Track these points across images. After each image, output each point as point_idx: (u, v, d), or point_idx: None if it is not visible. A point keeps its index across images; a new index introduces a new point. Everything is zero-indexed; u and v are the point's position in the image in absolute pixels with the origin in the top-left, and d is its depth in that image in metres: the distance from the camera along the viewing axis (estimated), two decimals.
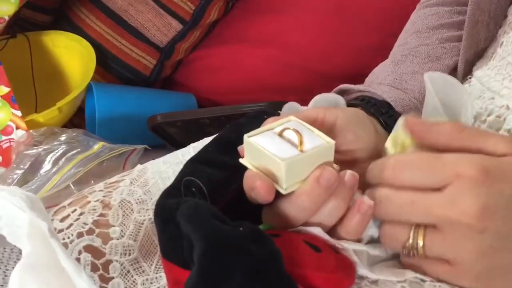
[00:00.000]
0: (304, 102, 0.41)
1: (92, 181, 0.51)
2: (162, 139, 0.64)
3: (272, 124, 0.30)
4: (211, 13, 0.72)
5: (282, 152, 0.27)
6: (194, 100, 0.71)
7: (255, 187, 0.26)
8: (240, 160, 0.29)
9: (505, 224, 0.26)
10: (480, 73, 0.43)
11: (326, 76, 0.71)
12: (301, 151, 0.27)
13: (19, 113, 0.58)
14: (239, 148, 0.30)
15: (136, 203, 0.36)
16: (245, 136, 0.28)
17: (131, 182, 0.38)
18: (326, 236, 0.27)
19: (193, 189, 0.26)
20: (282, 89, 0.72)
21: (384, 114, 0.39)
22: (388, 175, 0.28)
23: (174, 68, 0.77)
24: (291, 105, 0.39)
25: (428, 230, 0.27)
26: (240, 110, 0.56)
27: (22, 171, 0.50)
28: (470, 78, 0.44)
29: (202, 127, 0.58)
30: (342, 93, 0.44)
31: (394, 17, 0.54)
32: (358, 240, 0.29)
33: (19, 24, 0.72)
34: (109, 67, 0.71)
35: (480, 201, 0.25)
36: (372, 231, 0.29)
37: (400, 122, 0.32)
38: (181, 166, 0.31)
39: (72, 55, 0.69)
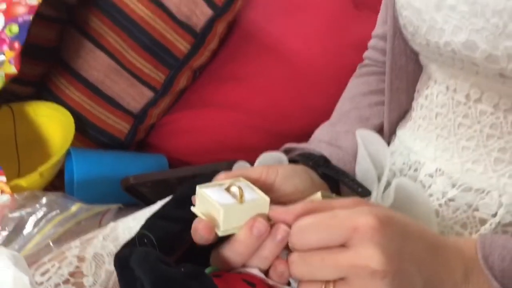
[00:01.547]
0: None
1: (70, 239, 0.56)
2: (135, 198, 0.69)
3: (224, 181, 0.36)
4: (180, 81, 0.79)
5: (223, 201, 0.33)
6: (165, 161, 0.77)
7: (198, 229, 0.33)
8: (192, 208, 0.35)
9: (404, 263, 0.30)
10: (400, 132, 0.51)
11: (286, 136, 0.78)
12: (240, 202, 0.34)
13: (4, 178, 0.63)
14: (192, 197, 0.36)
15: (108, 255, 0.42)
16: (197, 187, 0.35)
17: (104, 238, 0.44)
18: (262, 276, 0.33)
19: (145, 240, 0.32)
20: (247, 149, 0.79)
21: (321, 167, 0.46)
22: (295, 241, 0.31)
23: (147, 131, 0.83)
24: (240, 164, 0.46)
25: (337, 284, 0.30)
26: (204, 170, 0.62)
27: (7, 232, 0.55)
28: (394, 136, 0.52)
29: (171, 186, 0.64)
30: (288, 150, 0.52)
31: (341, 83, 0.62)
32: (288, 283, 0.34)
33: (4, 96, 0.78)
34: (86, 133, 0.78)
35: (379, 249, 0.29)
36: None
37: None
38: None
39: (52, 123, 0.75)
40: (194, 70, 0.81)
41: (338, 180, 0.46)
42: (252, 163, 0.48)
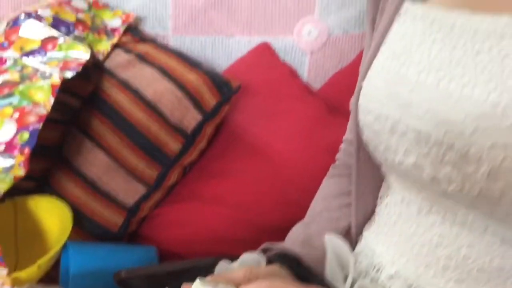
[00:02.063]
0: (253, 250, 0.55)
1: None
2: None
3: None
4: (171, 177, 0.86)
5: None
6: (154, 253, 0.82)
7: None
8: None
9: None
10: (366, 233, 0.57)
11: (268, 227, 0.85)
12: None
13: (5, 271, 0.68)
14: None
15: None
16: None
17: None
18: None
19: None
20: (233, 240, 0.85)
21: (295, 267, 0.52)
22: None
23: (139, 224, 0.89)
24: (222, 264, 0.52)
25: None
26: (190, 265, 0.68)
27: None
28: (361, 237, 0.58)
29: (161, 280, 0.69)
30: (266, 249, 0.58)
31: (317, 181, 0.69)
32: None
33: (7, 190, 0.84)
34: (82, 226, 0.83)
35: None
36: None
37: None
38: None
39: (52, 216, 0.81)
40: (184, 167, 0.88)
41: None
42: (237, 254, 0.54)
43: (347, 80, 0.94)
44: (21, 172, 0.66)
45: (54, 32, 0.87)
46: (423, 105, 0.44)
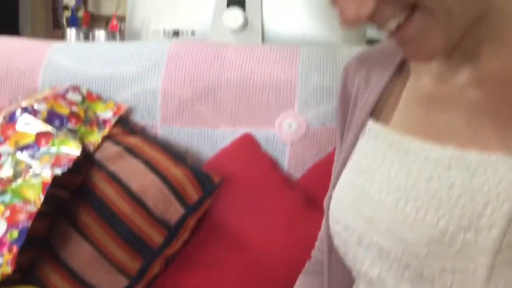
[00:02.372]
0: None
1: None
2: None
3: None
4: (153, 269, 0.89)
5: None
6: None
7: None
8: None
9: None
10: None
11: None
12: None
13: None
14: None
15: None
16: None
17: None
18: None
19: None
20: None
21: None
22: None
23: None
24: None
25: None
26: None
27: None
28: None
29: None
30: None
31: (294, 273, 0.73)
32: None
33: None
34: None
35: None
36: None
37: None
38: None
39: None
40: (167, 258, 0.92)
41: None
42: None
43: (325, 170, 1.00)
44: (8, 269, 0.69)
45: (48, 127, 0.93)
46: (384, 223, 0.49)
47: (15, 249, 0.71)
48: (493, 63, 0.49)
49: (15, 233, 0.72)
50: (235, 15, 1.39)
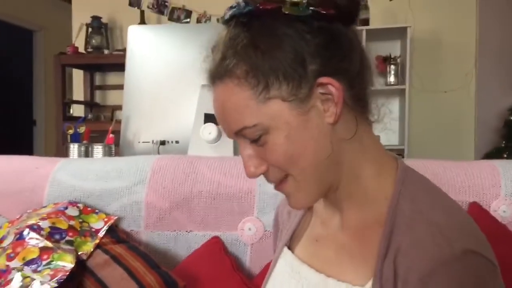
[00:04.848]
0: None
1: None
2: None
3: None
4: None
5: None
6: None
7: None
8: None
9: None
10: None
11: None
12: None
13: None
14: None
15: None
16: None
17: None
18: None
19: None
20: None
21: None
22: None
23: None
24: None
25: None
26: None
27: None
28: None
29: None
30: None
31: None
32: None
33: None
34: None
35: None
36: None
37: None
38: None
39: None
40: None
41: None
42: None
43: None
44: None
45: (49, 243, 1.16)
46: None
47: None
48: (351, 214, 0.72)
49: None
50: (210, 130, 1.65)
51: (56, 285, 1.03)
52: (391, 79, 3.47)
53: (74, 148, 1.71)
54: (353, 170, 0.68)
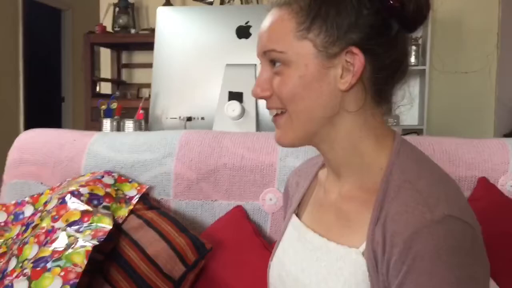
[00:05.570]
0: None
1: None
2: None
3: None
4: None
5: None
6: None
7: None
8: None
9: None
10: None
11: None
12: None
13: None
14: None
15: None
16: None
17: None
18: None
19: None
20: None
21: None
22: None
23: None
24: None
25: None
26: None
27: None
28: None
29: None
30: None
31: None
32: None
33: None
34: None
35: None
36: None
37: None
38: None
39: None
40: None
41: None
42: None
43: None
44: None
45: (89, 207, 1.29)
46: (292, 284, 0.81)
47: None
48: (350, 183, 0.79)
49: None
50: (234, 107, 1.75)
51: (97, 243, 1.16)
52: (412, 59, 3.51)
53: (107, 122, 1.83)
54: (351, 140, 0.76)
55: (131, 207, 1.38)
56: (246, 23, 1.84)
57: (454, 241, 0.62)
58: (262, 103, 1.79)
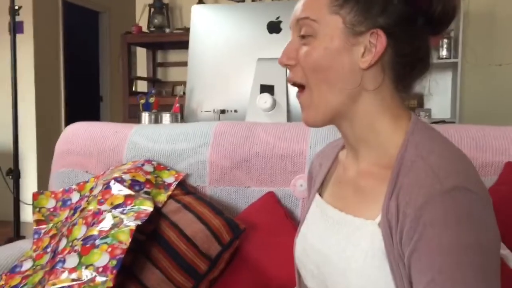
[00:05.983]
0: None
1: None
2: None
3: None
4: None
5: None
6: None
7: None
8: None
9: None
10: None
11: None
12: None
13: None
14: None
15: None
16: None
17: None
18: None
19: None
20: None
21: None
22: None
23: None
24: None
25: None
26: None
27: None
28: None
29: None
30: None
31: None
32: None
33: None
34: None
35: None
36: None
37: None
38: None
39: None
40: (210, 280, 1.33)
41: None
42: None
43: None
44: (111, 284, 1.13)
45: (132, 192, 1.39)
46: (315, 256, 0.88)
47: (114, 272, 1.15)
48: (366, 160, 0.84)
49: (114, 262, 1.16)
50: (265, 99, 1.83)
51: (140, 223, 1.25)
52: (444, 52, 3.50)
53: (145, 115, 1.94)
54: (369, 118, 0.81)
55: (170, 192, 1.47)
56: (277, 18, 1.91)
57: (462, 210, 0.66)
58: (292, 95, 1.87)
